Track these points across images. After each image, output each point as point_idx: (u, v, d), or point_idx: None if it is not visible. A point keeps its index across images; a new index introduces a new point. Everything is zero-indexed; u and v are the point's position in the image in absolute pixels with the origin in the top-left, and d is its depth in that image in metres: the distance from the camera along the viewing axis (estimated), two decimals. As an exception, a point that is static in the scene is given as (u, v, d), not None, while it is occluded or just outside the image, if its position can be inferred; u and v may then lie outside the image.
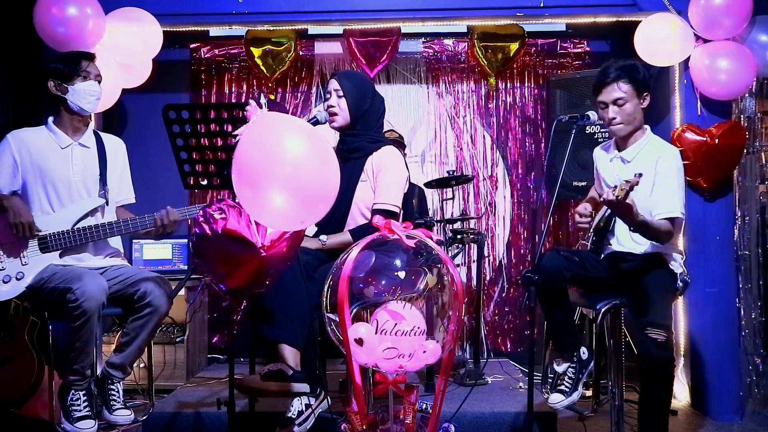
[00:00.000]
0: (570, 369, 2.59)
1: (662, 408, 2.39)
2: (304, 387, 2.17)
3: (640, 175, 2.17)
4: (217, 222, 1.85)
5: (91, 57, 2.62)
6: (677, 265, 2.59)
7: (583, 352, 2.63)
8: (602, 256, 2.65)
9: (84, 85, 2.55)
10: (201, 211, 1.90)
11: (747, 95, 3.42)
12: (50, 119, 2.63)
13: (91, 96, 2.57)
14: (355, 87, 2.59)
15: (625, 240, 2.57)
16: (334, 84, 2.59)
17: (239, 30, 4.04)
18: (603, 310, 2.52)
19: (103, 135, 2.74)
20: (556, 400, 2.54)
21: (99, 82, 2.61)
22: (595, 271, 2.55)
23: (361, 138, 2.61)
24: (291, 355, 2.21)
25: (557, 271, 2.47)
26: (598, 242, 2.66)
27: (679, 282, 2.56)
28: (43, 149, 2.57)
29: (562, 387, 2.57)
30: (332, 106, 2.57)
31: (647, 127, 2.64)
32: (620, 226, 2.57)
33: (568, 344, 2.60)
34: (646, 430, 2.40)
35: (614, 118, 2.55)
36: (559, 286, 2.50)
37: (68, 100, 2.55)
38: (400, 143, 3.92)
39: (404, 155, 3.83)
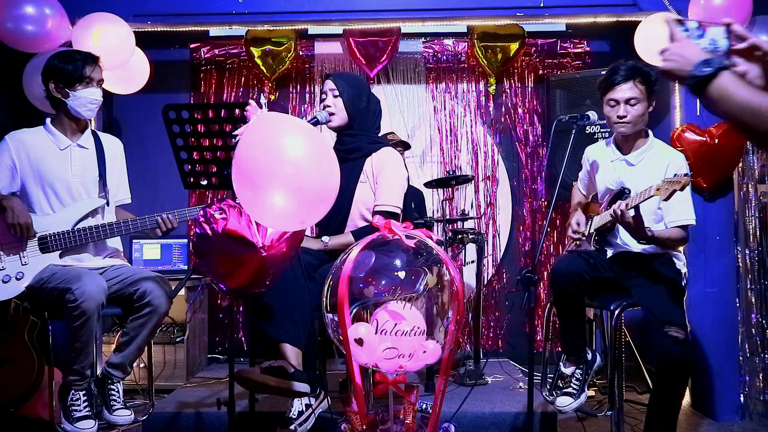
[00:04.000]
0: (578, 371, 2.59)
1: (674, 408, 2.37)
2: (305, 387, 2.16)
3: (692, 174, 2.16)
4: (218, 222, 1.85)
5: (95, 60, 2.59)
6: (682, 264, 2.60)
7: (589, 353, 2.63)
8: (607, 256, 2.65)
9: (86, 92, 2.53)
10: (201, 211, 1.90)
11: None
12: (48, 120, 2.62)
13: (92, 104, 2.56)
14: (351, 86, 2.59)
15: (630, 239, 2.57)
16: (329, 84, 2.60)
17: (239, 30, 4.04)
18: (617, 311, 2.52)
19: (101, 135, 2.74)
20: (565, 402, 2.54)
21: (101, 86, 2.60)
22: (604, 272, 2.56)
23: (360, 138, 2.61)
24: (293, 354, 2.21)
25: (578, 275, 2.47)
26: (601, 242, 2.66)
27: (683, 280, 2.57)
28: (42, 150, 2.57)
29: (570, 389, 2.57)
30: (329, 106, 2.58)
31: (649, 130, 2.65)
32: None
33: (577, 346, 2.61)
34: (655, 431, 2.39)
35: (624, 116, 2.53)
36: (578, 289, 2.50)
37: (68, 105, 2.54)
38: (405, 144, 3.91)
39: (404, 158, 3.83)
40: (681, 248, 2.71)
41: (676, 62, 1.24)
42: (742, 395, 3.31)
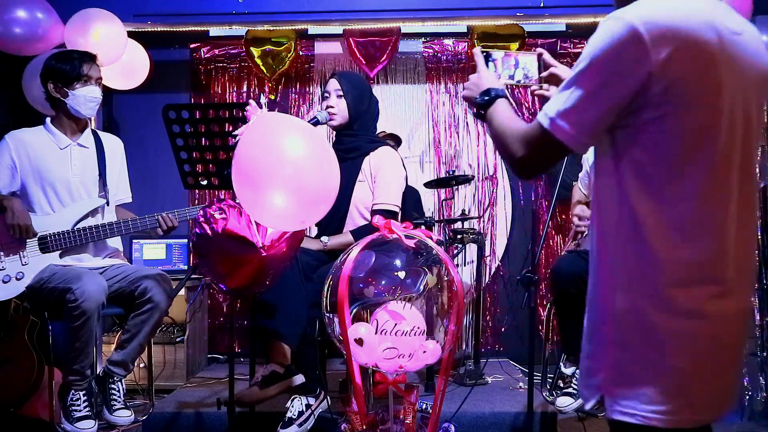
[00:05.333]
0: (578, 371, 2.59)
1: None
2: (300, 378, 2.18)
3: None
4: (218, 222, 1.85)
5: (92, 58, 2.59)
6: None
7: None
8: None
9: (84, 91, 2.53)
10: (201, 211, 1.91)
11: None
12: (48, 119, 2.62)
13: (92, 102, 2.56)
14: (355, 87, 2.59)
15: None
16: (333, 84, 2.59)
17: (239, 30, 4.04)
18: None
19: (101, 134, 2.74)
20: (566, 403, 2.54)
21: (100, 84, 2.60)
22: None
23: (359, 138, 2.61)
24: (284, 351, 2.22)
25: (578, 275, 2.46)
26: None
27: None
28: (42, 150, 2.57)
29: (570, 390, 2.56)
30: (331, 106, 2.57)
31: None
32: None
33: (577, 346, 2.60)
34: None
35: None
36: (578, 289, 2.49)
37: (68, 104, 2.54)
38: (396, 138, 3.90)
39: (401, 157, 3.83)
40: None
41: (470, 90, 1.36)
42: (743, 395, 3.31)
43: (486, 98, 1.30)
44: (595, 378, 1.10)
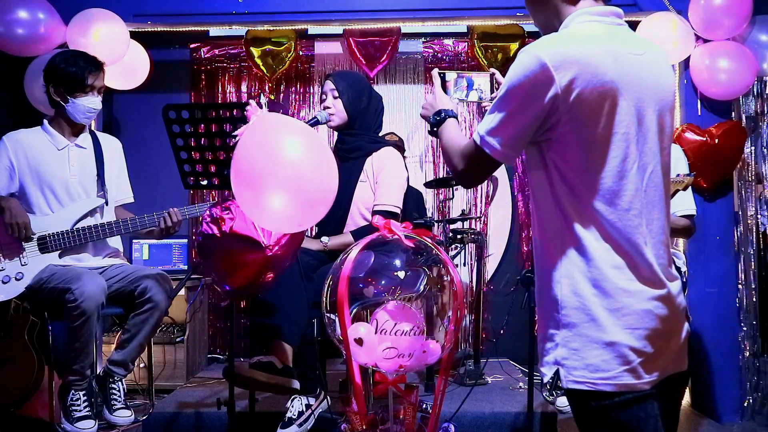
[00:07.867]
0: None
1: None
2: (294, 383, 2.16)
3: (694, 174, 2.21)
4: (225, 222, 1.85)
5: (99, 67, 2.58)
6: (681, 263, 2.60)
7: None
8: None
9: (84, 101, 2.53)
10: (208, 211, 1.90)
11: (747, 95, 3.42)
12: (46, 120, 2.62)
13: (90, 112, 2.57)
14: (351, 86, 2.59)
15: None
16: (329, 85, 2.59)
17: (239, 30, 4.04)
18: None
19: (99, 135, 2.74)
20: (566, 403, 2.54)
21: (101, 93, 2.60)
22: None
23: (360, 138, 2.61)
24: (285, 351, 2.21)
25: None
26: None
27: (683, 279, 2.58)
28: (40, 151, 2.57)
29: None
30: (329, 107, 2.57)
31: None
32: None
33: None
34: None
35: None
36: None
37: (66, 109, 2.54)
38: (399, 147, 3.92)
39: (404, 158, 3.83)
40: (681, 247, 2.71)
41: (426, 110, 1.58)
42: (742, 395, 3.31)
43: (437, 118, 1.52)
44: (550, 356, 1.25)
